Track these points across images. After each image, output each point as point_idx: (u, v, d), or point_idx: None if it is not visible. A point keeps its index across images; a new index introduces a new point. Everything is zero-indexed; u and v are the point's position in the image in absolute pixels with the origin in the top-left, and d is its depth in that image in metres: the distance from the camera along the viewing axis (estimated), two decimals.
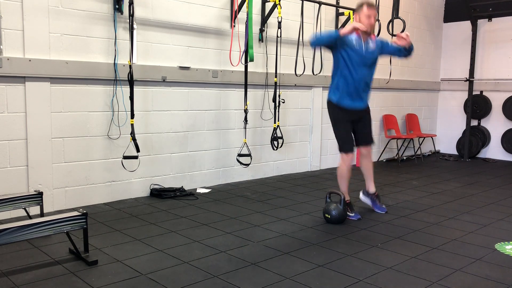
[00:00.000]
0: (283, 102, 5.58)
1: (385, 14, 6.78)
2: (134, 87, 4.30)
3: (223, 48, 5.17)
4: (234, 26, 5.11)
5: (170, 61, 4.74)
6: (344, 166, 3.99)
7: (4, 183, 3.82)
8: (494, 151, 7.95)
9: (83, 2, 4.10)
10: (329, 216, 3.90)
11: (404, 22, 5.95)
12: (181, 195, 4.73)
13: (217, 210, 4.25)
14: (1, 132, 3.77)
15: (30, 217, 3.55)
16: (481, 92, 8.00)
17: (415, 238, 3.57)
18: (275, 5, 5.21)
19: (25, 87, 3.83)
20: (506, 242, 3.51)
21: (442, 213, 4.34)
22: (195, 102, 5.01)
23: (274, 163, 5.92)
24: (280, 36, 5.26)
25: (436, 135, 8.29)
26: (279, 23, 5.07)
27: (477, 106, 7.98)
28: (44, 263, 2.92)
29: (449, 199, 4.89)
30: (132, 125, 4.27)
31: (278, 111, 5.36)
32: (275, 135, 5.35)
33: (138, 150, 4.28)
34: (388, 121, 7.50)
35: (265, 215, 4.07)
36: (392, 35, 6.19)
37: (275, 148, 5.39)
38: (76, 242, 3.02)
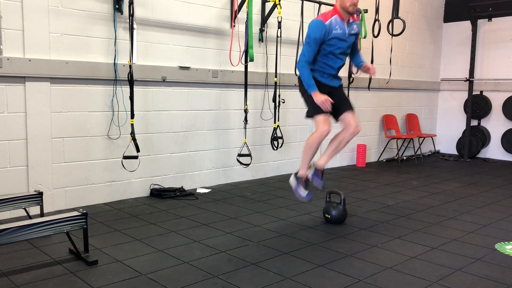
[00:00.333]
0: (283, 102, 5.58)
1: (385, 14, 6.78)
2: (134, 87, 4.30)
3: (223, 48, 5.17)
4: (234, 26, 5.11)
5: (170, 61, 4.74)
6: (318, 135, 3.55)
7: (4, 183, 3.82)
8: (494, 151, 7.95)
9: (83, 2, 4.10)
10: (329, 216, 3.90)
11: (404, 22, 5.96)
12: (181, 195, 4.73)
13: (217, 210, 4.25)
14: (1, 132, 3.77)
15: (30, 217, 3.55)
16: (481, 92, 8.00)
17: (415, 238, 3.57)
18: (275, 5, 5.21)
19: (25, 87, 3.83)
20: (506, 242, 3.51)
21: (442, 213, 4.34)
22: (195, 102, 5.01)
23: (274, 163, 5.92)
24: (280, 36, 5.26)
25: (436, 135, 8.29)
26: (279, 23, 5.06)
27: (477, 106, 7.98)
28: (44, 263, 2.92)
29: (449, 199, 4.89)
30: (132, 125, 4.27)
31: (278, 111, 5.36)
32: (275, 135, 5.34)
33: (138, 150, 4.28)
34: (388, 121, 7.50)
35: (265, 215, 4.07)
36: (392, 35, 6.22)
37: (275, 148, 5.39)
38: (76, 242, 3.02)
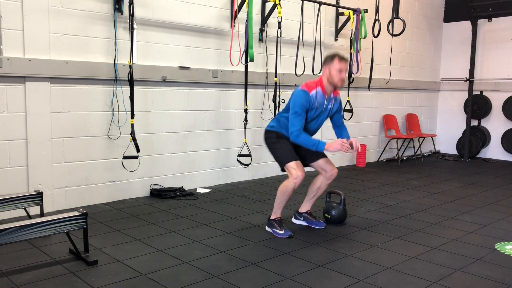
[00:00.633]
0: (283, 102, 5.58)
1: (385, 14, 6.78)
2: (134, 87, 4.30)
3: (223, 48, 5.17)
4: (234, 26, 5.11)
5: (170, 61, 4.74)
6: (292, 182, 3.44)
7: (4, 183, 3.82)
8: (494, 151, 7.95)
9: (83, 2, 4.10)
10: (329, 216, 3.90)
11: (404, 22, 5.96)
12: (181, 195, 4.73)
13: (217, 210, 4.25)
14: (1, 132, 3.77)
15: (30, 217, 3.55)
16: (481, 92, 8.00)
17: (415, 238, 3.57)
18: (275, 5, 5.21)
19: (25, 87, 3.83)
20: (506, 242, 3.51)
21: (442, 213, 4.34)
22: (195, 102, 5.01)
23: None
24: (280, 36, 5.26)
25: (436, 135, 8.29)
26: (279, 23, 5.06)
27: (477, 106, 7.98)
28: (44, 263, 2.92)
29: (449, 199, 4.89)
30: (132, 125, 4.27)
31: (278, 111, 5.36)
32: None
33: (138, 150, 4.28)
34: (388, 121, 7.50)
35: (265, 215, 4.06)
36: (392, 35, 6.22)
37: None
38: (76, 242, 3.02)
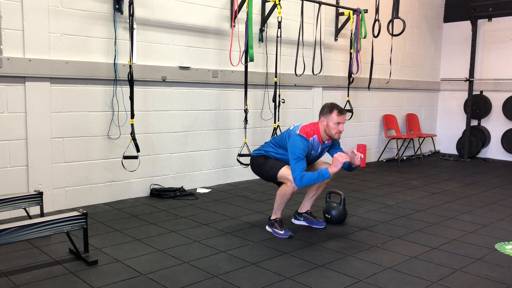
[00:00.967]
0: (283, 102, 5.58)
1: (385, 14, 6.78)
2: (134, 87, 4.30)
3: (223, 48, 5.17)
4: (234, 26, 5.11)
5: (170, 61, 4.74)
6: (290, 187, 3.45)
7: (4, 183, 3.82)
8: (494, 151, 7.95)
9: (83, 2, 4.10)
10: (329, 216, 3.90)
11: (404, 22, 5.96)
12: (181, 195, 4.73)
13: (217, 210, 4.25)
14: (1, 132, 3.77)
15: (30, 217, 3.55)
16: (481, 92, 8.00)
17: (415, 238, 3.57)
18: (275, 5, 5.20)
19: (25, 87, 3.83)
20: (506, 242, 3.51)
21: (442, 213, 4.34)
22: (195, 102, 5.01)
23: None
24: (280, 36, 5.26)
25: (436, 135, 8.29)
26: (279, 23, 5.06)
27: (477, 106, 7.98)
28: (44, 263, 2.92)
29: (449, 199, 4.89)
30: (132, 125, 4.27)
31: (278, 111, 5.36)
32: (275, 135, 5.34)
33: (138, 150, 4.28)
34: (388, 121, 7.50)
35: (265, 215, 4.06)
36: (392, 35, 6.22)
37: None
38: (76, 242, 3.02)
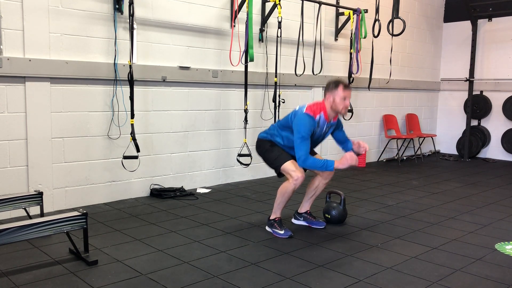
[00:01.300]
0: (283, 102, 5.58)
1: (385, 14, 6.78)
2: (134, 87, 4.30)
3: (223, 48, 5.17)
4: (234, 26, 5.11)
5: (170, 61, 4.74)
6: (292, 183, 3.45)
7: (4, 183, 3.82)
8: (494, 151, 7.95)
9: (83, 2, 4.10)
10: (329, 216, 3.90)
11: (404, 22, 5.96)
12: (181, 195, 4.73)
13: (217, 210, 4.25)
14: (1, 132, 3.77)
15: (30, 217, 3.55)
16: (481, 92, 8.00)
17: (415, 238, 3.57)
18: (275, 5, 5.20)
19: (25, 87, 3.83)
20: (506, 242, 3.51)
21: (442, 213, 4.34)
22: (195, 102, 5.01)
23: None
24: (280, 36, 5.26)
25: (436, 135, 8.29)
26: (279, 23, 5.06)
27: (477, 106, 7.98)
28: (44, 263, 2.92)
29: (449, 199, 4.89)
30: (132, 125, 4.27)
31: (278, 111, 5.36)
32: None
33: (138, 150, 4.28)
34: (388, 121, 7.50)
35: (265, 215, 4.06)
36: (392, 35, 6.22)
37: None
38: (76, 242, 3.02)
